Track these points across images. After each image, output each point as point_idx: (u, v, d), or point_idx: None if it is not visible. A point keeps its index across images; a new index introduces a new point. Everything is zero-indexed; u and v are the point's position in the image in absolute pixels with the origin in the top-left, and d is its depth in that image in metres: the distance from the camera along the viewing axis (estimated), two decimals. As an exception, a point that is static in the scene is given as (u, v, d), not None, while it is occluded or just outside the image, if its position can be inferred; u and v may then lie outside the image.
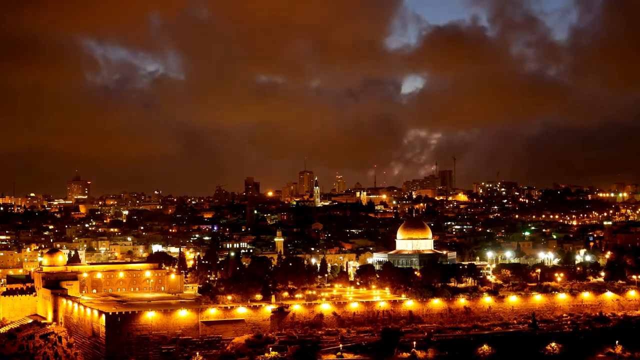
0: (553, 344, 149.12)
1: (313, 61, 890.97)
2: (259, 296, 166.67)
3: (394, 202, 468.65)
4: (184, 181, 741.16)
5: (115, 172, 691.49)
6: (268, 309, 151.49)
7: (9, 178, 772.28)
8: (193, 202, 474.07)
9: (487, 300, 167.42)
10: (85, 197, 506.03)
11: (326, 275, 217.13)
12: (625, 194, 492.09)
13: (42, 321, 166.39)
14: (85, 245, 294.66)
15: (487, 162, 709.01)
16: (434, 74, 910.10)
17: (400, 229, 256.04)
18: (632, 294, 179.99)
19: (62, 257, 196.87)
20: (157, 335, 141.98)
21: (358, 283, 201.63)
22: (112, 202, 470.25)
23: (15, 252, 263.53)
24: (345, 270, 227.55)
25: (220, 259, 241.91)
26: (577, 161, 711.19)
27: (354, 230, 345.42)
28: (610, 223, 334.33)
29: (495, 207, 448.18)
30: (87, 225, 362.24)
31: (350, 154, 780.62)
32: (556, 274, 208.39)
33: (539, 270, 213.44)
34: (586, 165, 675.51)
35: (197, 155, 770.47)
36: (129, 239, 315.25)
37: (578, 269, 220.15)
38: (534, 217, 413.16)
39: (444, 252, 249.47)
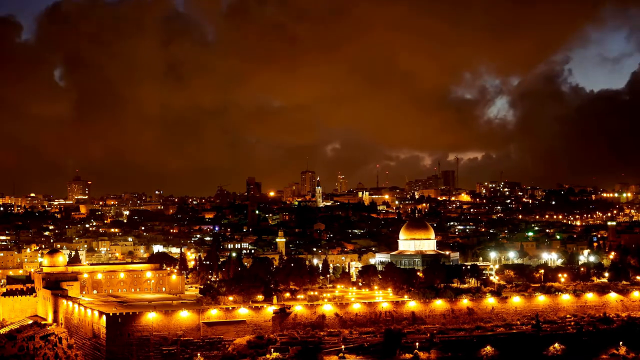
0: (556, 345, 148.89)
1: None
2: (260, 297, 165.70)
3: (397, 202, 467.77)
4: (184, 181, 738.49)
5: (116, 172, 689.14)
6: (270, 310, 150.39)
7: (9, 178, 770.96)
8: (194, 202, 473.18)
9: (490, 301, 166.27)
10: (86, 197, 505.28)
11: (328, 275, 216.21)
12: (629, 194, 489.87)
13: (43, 322, 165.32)
14: (85, 246, 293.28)
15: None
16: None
17: (403, 230, 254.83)
18: (636, 294, 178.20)
19: (62, 258, 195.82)
20: (158, 336, 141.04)
21: (360, 284, 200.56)
22: (112, 202, 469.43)
23: (16, 253, 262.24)
24: (347, 270, 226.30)
25: (221, 260, 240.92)
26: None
27: (356, 231, 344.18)
28: (614, 223, 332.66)
29: (499, 208, 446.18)
30: (87, 225, 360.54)
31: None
32: (560, 275, 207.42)
33: (542, 271, 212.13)
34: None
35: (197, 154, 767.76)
36: (130, 239, 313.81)
37: (582, 269, 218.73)
38: (537, 217, 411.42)
39: (447, 253, 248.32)
